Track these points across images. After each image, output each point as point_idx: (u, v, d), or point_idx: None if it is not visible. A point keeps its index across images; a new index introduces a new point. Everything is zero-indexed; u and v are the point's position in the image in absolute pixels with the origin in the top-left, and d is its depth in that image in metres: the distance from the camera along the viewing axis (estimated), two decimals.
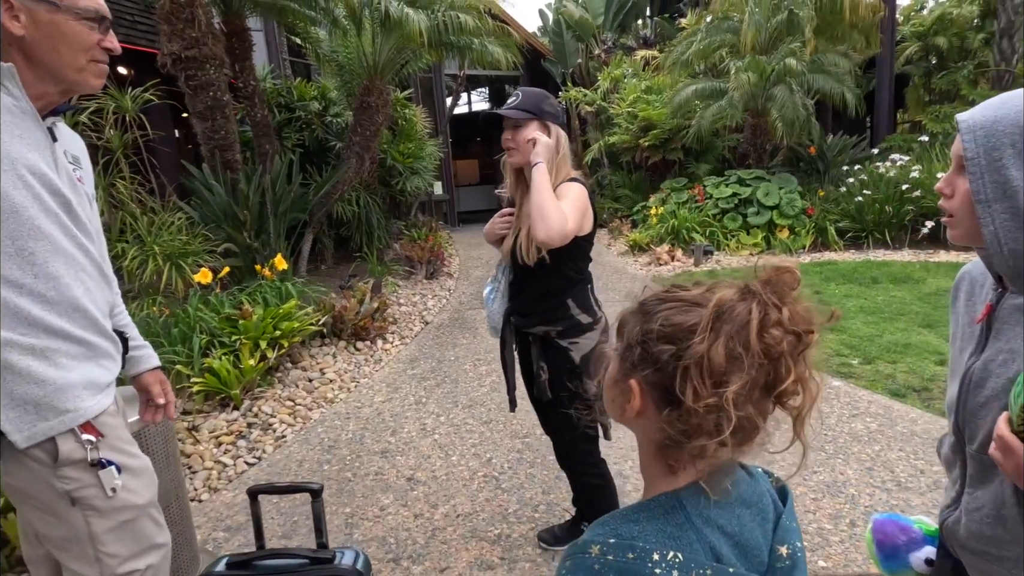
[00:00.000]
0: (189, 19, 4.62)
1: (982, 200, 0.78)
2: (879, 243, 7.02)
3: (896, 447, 2.69)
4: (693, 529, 0.59)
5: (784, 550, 0.63)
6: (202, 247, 4.30)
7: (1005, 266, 0.80)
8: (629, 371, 0.62)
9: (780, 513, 0.66)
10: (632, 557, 0.56)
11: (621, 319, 0.66)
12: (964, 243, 0.87)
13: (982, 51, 11.31)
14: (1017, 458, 0.70)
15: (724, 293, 0.58)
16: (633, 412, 0.62)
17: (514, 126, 1.73)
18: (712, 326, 0.56)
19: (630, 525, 0.60)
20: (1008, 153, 0.75)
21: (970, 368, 0.87)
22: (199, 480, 2.69)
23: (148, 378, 1.34)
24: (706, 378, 0.55)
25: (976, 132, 0.77)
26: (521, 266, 1.77)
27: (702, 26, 8.78)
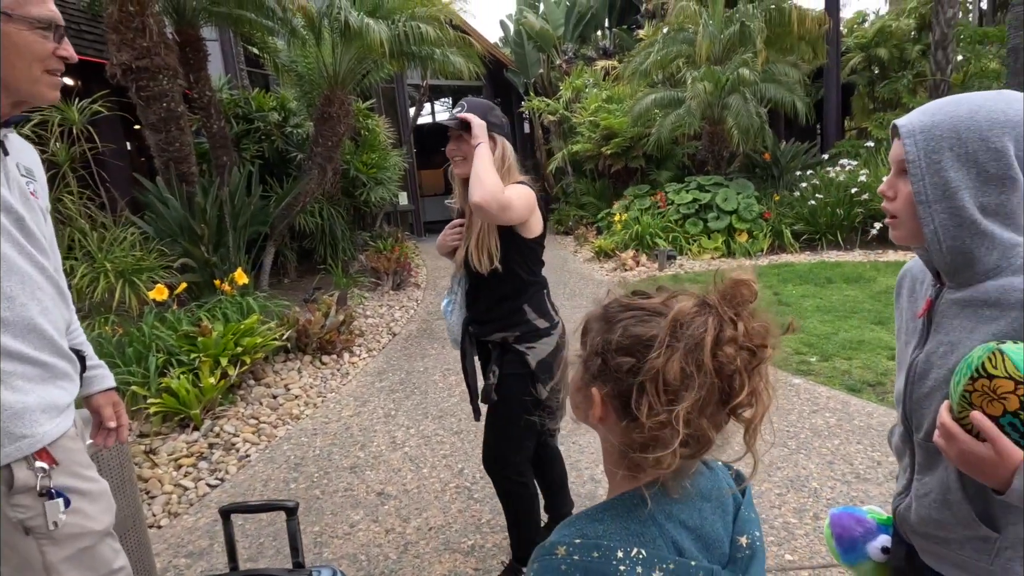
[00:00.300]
0: (140, 28, 4.48)
1: (923, 201, 0.82)
2: (832, 244, 7.30)
3: (854, 440, 2.79)
4: (656, 525, 0.60)
5: (744, 540, 0.65)
6: (157, 263, 4.15)
7: (944, 262, 0.84)
8: (591, 380, 0.64)
9: (739, 504, 0.68)
10: (597, 556, 0.57)
11: (586, 324, 0.67)
12: (906, 243, 0.91)
13: (920, 61, 11.96)
14: (959, 444, 0.74)
15: (683, 305, 0.59)
16: (595, 418, 0.64)
17: (458, 136, 1.73)
18: (668, 341, 0.57)
19: (595, 525, 0.61)
20: (947, 156, 0.79)
21: (914, 360, 0.91)
22: (158, 505, 2.58)
23: (100, 399, 1.29)
24: (660, 394, 0.57)
25: (916, 136, 0.81)
26: (475, 275, 1.78)
27: (659, 37, 9.02)
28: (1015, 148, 0.77)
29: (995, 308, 0.80)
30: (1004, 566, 0.83)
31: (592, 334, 0.65)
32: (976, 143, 0.78)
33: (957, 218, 0.80)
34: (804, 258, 7.08)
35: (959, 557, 0.88)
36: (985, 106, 0.79)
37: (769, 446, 2.79)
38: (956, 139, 0.79)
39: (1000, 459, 0.70)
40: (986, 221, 0.79)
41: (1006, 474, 0.70)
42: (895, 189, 0.88)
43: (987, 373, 0.70)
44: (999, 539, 0.82)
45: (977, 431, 0.72)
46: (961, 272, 0.84)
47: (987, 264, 0.81)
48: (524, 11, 14.00)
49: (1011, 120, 0.78)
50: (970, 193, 0.79)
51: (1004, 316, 0.78)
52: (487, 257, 1.72)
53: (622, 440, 0.63)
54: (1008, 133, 0.77)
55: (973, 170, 0.79)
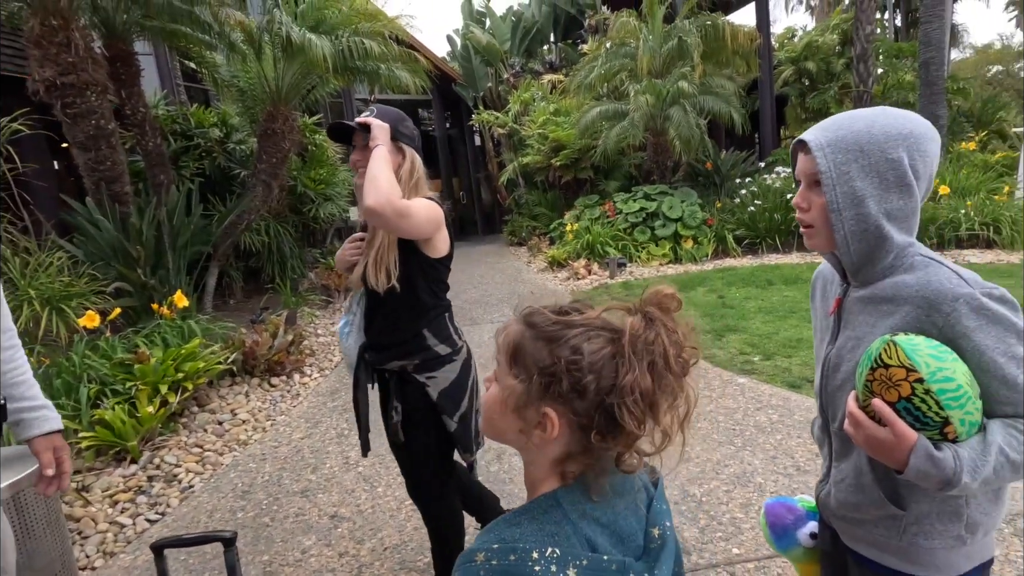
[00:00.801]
0: (64, 43, 4.27)
1: (835, 209, 0.88)
2: (771, 248, 7.65)
3: (795, 435, 2.92)
4: (570, 524, 0.62)
5: (656, 531, 0.68)
6: (88, 288, 3.93)
7: (851, 264, 0.91)
8: (540, 399, 0.63)
9: (652, 498, 0.71)
10: (514, 559, 0.59)
11: (515, 344, 0.66)
12: (821, 249, 0.96)
13: (844, 74, 12.77)
14: (864, 430, 0.80)
15: (632, 321, 0.63)
16: (546, 440, 0.64)
17: (365, 145, 1.59)
18: (630, 357, 0.61)
19: (512, 529, 0.63)
20: (854, 167, 0.86)
21: (827, 355, 0.98)
22: (91, 545, 2.42)
23: (39, 444, 1.19)
24: (641, 404, 0.60)
25: (825, 151, 0.88)
26: (373, 294, 1.64)
27: (602, 52, 9.29)
28: (908, 159, 0.85)
29: (891, 303, 0.87)
30: (911, 541, 0.90)
31: (530, 354, 0.64)
32: (877, 155, 0.85)
33: (864, 223, 0.87)
34: (746, 262, 7.38)
35: (873, 536, 0.94)
36: (877, 121, 0.86)
37: (718, 444, 2.88)
38: (860, 151, 0.85)
39: (898, 441, 0.76)
40: (888, 225, 0.86)
41: (903, 455, 0.76)
42: (808, 201, 0.93)
43: (884, 363, 0.76)
44: (905, 517, 0.89)
45: (879, 417, 0.78)
46: (863, 271, 0.91)
47: (884, 263, 0.89)
48: (471, 26, 14.17)
49: (902, 133, 0.85)
50: (874, 200, 0.86)
51: (899, 310, 0.85)
52: (384, 275, 1.58)
53: (565, 449, 0.65)
54: (901, 144, 0.85)
55: (876, 179, 0.85)
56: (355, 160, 1.62)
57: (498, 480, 2.72)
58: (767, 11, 10.95)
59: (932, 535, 0.89)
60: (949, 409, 0.74)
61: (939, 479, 0.75)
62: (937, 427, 0.75)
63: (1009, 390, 0.77)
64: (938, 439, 0.76)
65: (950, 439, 0.76)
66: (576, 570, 0.58)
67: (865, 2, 9.93)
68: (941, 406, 0.73)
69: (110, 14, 5.04)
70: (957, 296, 0.79)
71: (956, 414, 0.74)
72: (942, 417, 0.74)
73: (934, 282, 0.82)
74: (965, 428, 0.75)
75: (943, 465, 0.74)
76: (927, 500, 0.88)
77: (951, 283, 0.81)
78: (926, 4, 10.02)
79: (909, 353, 0.75)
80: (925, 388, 0.73)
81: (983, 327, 0.78)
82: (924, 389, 0.74)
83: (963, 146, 9.26)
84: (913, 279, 0.85)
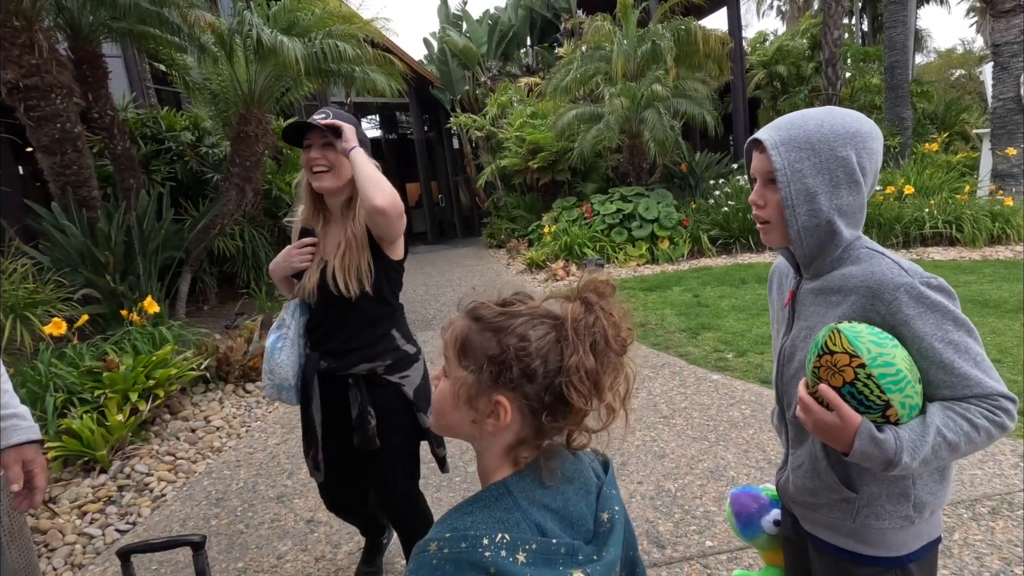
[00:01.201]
0: (27, 44, 4.18)
1: (789, 206, 0.91)
2: (745, 248, 7.80)
3: (767, 429, 2.98)
4: (519, 510, 0.64)
5: (605, 515, 0.70)
6: (54, 295, 3.84)
7: (804, 257, 0.95)
8: (491, 387, 0.66)
9: (602, 483, 0.74)
10: (465, 546, 0.61)
11: (463, 338, 0.68)
12: (778, 245, 1.00)
13: (814, 77, 13.10)
14: (814, 415, 0.83)
15: (572, 307, 0.66)
16: (500, 427, 0.66)
17: (324, 144, 1.55)
18: (574, 340, 0.64)
19: (464, 518, 0.65)
20: (806, 165, 0.89)
21: (782, 346, 1.01)
22: (59, 558, 2.37)
23: (8, 456, 1.15)
24: (587, 382, 0.63)
25: (779, 149, 0.91)
26: (336, 300, 1.57)
27: (577, 55, 9.38)
28: (856, 156, 0.89)
29: (839, 294, 0.91)
30: (863, 523, 0.93)
31: (478, 345, 0.67)
32: (827, 153, 0.88)
33: (816, 218, 0.90)
34: (721, 261, 7.51)
35: (829, 519, 0.97)
36: (827, 121, 0.90)
37: (692, 440, 2.93)
38: (811, 150, 0.89)
39: (843, 424, 0.80)
40: (839, 220, 0.90)
41: (848, 436, 0.80)
42: (764, 198, 0.97)
43: (829, 350, 0.80)
44: (857, 499, 0.93)
45: (826, 402, 0.81)
46: (815, 264, 0.94)
47: (834, 256, 0.93)
48: (447, 29, 14.18)
49: (849, 132, 0.89)
50: (825, 196, 0.89)
51: (846, 300, 0.89)
52: (356, 279, 1.54)
53: (518, 435, 0.68)
54: (849, 143, 0.89)
55: (827, 176, 0.89)
56: (313, 158, 1.56)
57: (476, 481, 2.72)
58: (739, 16, 11.18)
59: (882, 516, 0.93)
60: (890, 392, 0.77)
61: (881, 459, 0.78)
62: (880, 410, 0.79)
63: (946, 374, 0.81)
64: (881, 422, 0.80)
65: (892, 422, 0.80)
66: (525, 554, 0.60)
67: (833, 7, 10.21)
68: (882, 390, 0.77)
69: (75, 15, 4.94)
70: (898, 285, 0.83)
71: (896, 397, 0.77)
72: (884, 400, 0.78)
73: (877, 272, 0.86)
74: (906, 411, 0.79)
75: (885, 446, 0.78)
76: (877, 483, 0.92)
77: (892, 273, 0.85)
78: (890, 10, 10.35)
79: (852, 340, 0.78)
80: (867, 373, 0.77)
81: (922, 315, 0.82)
82: (866, 374, 0.77)
83: (927, 147, 9.56)
84: (859, 270, 0.89)
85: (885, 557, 0.95)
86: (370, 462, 1.70)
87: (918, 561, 0.96)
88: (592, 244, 8.06)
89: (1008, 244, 6.44)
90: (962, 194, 7.29)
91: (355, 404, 1.64)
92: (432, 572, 0.60)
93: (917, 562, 0.96)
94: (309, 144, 1.57)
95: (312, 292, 1.61)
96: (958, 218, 6.62)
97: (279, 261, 1.66)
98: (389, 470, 1.70)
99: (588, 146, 8.78)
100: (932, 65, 28.51)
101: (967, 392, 0.81)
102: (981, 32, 26.27)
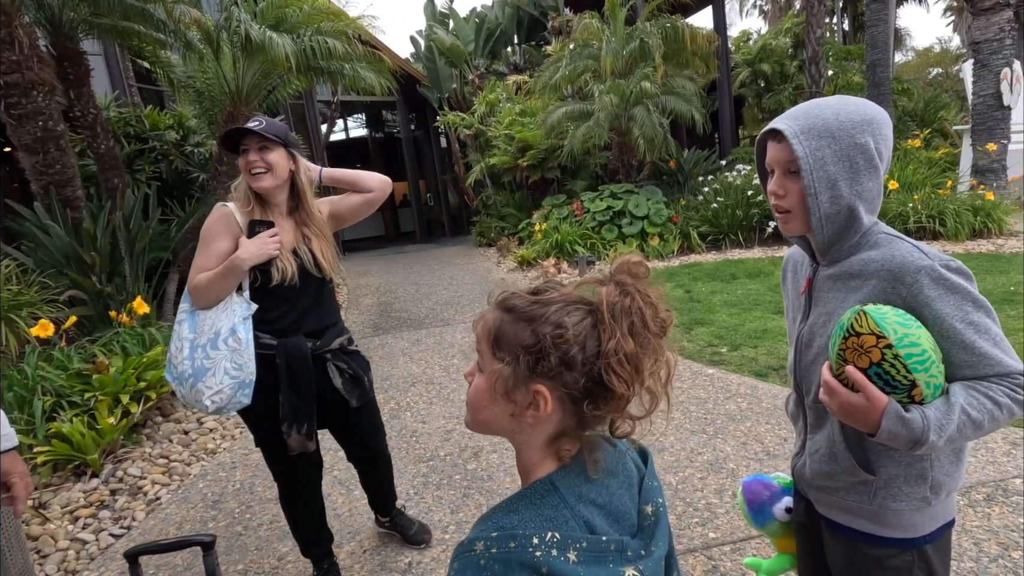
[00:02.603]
0: (7, 40, 4.08)
1: (812, 193, 0.91)
2: (734, 243, 7.87)
3: (763, 421, 3.01)
4: (567, 507, 0.63)
5: (649, 508, 0.69)
6: (39, 297, 3.76)
7: (823, 244, 0.95)
8: (528, 378, 0.63)
9: (643, 475, 0.72)
10: (514, 545, 0.59)
11: (496, 330, 0.66)
12: (797, 233, 0.99)
13: (797, 76, 13.25)
14: (839, 397, 0.84)
15: (606, 290, 0.64)
16: (540, 419, 0.64)
17: (261, 148, 1.72)
18: (610, 323, 0.62)
19: (510, 516, 0.63)
20: (827, 153, 0.89)
21: (800, 333, 1.02)
22: (52, 564, 2.32)
23: None
24: (627, 366, 0.61)
25: (800, 138, 0.90)
26: (313, 283, 1.82)
27: (566, 53, 9.39)
28: (873, 142, 0.89)
29: (858, 279, 0.91)
30: (880, 504, 0.94)
31: (513, 336, 0.65)
32: (847, 140, 0.89)
33: (837, 205, 0.90)
34: (711, 257, 7.57)
35: (846, 502, 0.98)
36: (843, 109, 0.90)
37: (690, 433, 2.95)
38: (831, 137, 0.89)
39: (870, 405, 0.80)
40: (860, 206, 0.90)
41: (876, 417, 0.80)
42: (784, 188, 0.96)
43: (855, 332, 0.80)
44: (875, 481, 0.93)
45: (852, 383, 0.82)
46: (833, 250, 0.95)
47: (852, 242, 0.93)
48: (434, 27, 14.12)
49: (865, 119, 0.89)
50: (846, 183, 0.90)
51: (866, 284, 0.90)
52: (333, 262, 1.85)
53: (559, 426, 0.66)
54: (867, 130, 0.89)
55: (847, 163, 0.89)
56: (252, 161, 1.72)
57: (476, 478, 2.72)
58: (723, 14, 11.28)
59: (899, 497, 0.94)
60: (916, 372, 0.78)
61: (908, 438, 0.79)
62: (905, 390, 0.79)
63: (968, 354, 0.83)
64: (906, 402, 0.81)
65: (917, 401, 0.80)
66: (576, 553, 0.59)
67: (816, 7, 10.33)
68: (908, 370, 0.78)
69: (56, 11, 4.83)
70: (919, 268, 0.84)
71: (922, 377, 0.78)
72: (909, 380, 0.78)
73: (897, 256, 0.87)
74: (930, 391, 0.80)
75: (912, 425, 0.78)
76: (894, 464, 0.93)
77: (913, 256, 0.86)
78: (872, 8, 10.49)
79: (878, 321, 0.79)
80: (894, 353, 0.78)
81: (943, 296, 0.83)
82: (893, 354, 0.78)
83: (909, 144, 9.72)
84: (878, 254, 0.90)
85: (902, 539, 0.96)
86: (360, 419, 2.00)
87: (934, 543, 0.97)
88: (583, 241, 8.08)
89: (990, 238, 6.57)
90: (944, 189, 7.43)
91: (336, 375, 1.86)
92: (480, 572, 0.58)
93: (933, 543, 0.97)
94: (246, 149, 1.72)
95: (293, 276, 1.76)
96: (941, 212, 6.74)
97: (253, 252, 1.70)
98: (371, 423, 2.05)
99: (578, 143, 8.79)
100: (910, 64, 29.03)
101: (988, 371, 0.82)
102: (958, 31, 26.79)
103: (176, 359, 1.69)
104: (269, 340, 1.78)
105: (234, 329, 1.69)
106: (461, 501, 2.53)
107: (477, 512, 2.43)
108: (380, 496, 2.23)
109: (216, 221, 1.75)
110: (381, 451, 2.13)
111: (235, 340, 1.68)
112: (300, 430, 1.82)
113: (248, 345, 1.69)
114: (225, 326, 1.69)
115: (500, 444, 3.01)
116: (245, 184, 1.76)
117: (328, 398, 1.88)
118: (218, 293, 1.70)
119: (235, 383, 1.68)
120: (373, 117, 18.51)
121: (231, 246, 1.71)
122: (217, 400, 1.67)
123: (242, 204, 1.76)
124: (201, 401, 1.68)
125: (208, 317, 1.70)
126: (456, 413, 3.53)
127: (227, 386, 1.68)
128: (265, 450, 1.92)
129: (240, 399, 1.71)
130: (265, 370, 1.74)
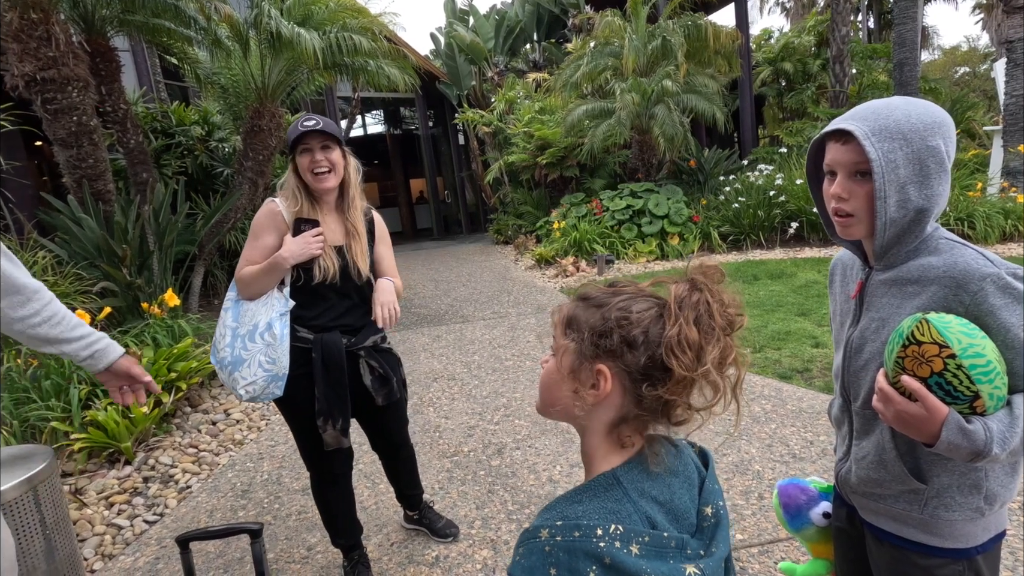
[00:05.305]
0: (44, 37, 4.17)
1: (881, 197, 0.88)
2: (755, 244, 7.79)
3: (789, 424, 2.99)
4: (630, 502, 0.65)
5: (709, 510, 0.70)
6: (73, 288, 3.85)
7: (880, 247, 0.93)
8: (593, 358, 0.67)
9: (703, 477, 0.73)
10: (578, 535, 0.61)
11: (569, 315, 0.71)
12: (859, 237, 0.97)
13: (820, 74, 13.05)
14: (895, 405, 0.83)
15: (676, 285, 0.67)
16: (600, 397, 0.67)
17: (323, 147, 1.75)
18: (676, 313, 0.64)
19: (575, 506, 0.65)
20: (899, 156, 0.87)
21: (850, 337, 1.01)
22: (89, 548, 2.38)
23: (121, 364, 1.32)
24: (688, 351, 0.63)
25: (871, 140, 0.87)
26: (353, 282, 1.84)
27: (587, 51, 9.35)
28: (944, 146, 0.87)
29: (917, 284, 0.91)
30: (932, 514, 0.94)
31: (583, 318, 0.69)
32: (919, 143, 0.86)
33: (903, 209, 0.88)
34: (732, 258, 7.50)
35: (894, 510, 0.98)
36: (912, 111, 0.88)
37: (715, 434, 2.94)
38: (904, 140, 0.86)
39: (930, 415, 0.80)
40: (927, 210, 0.88)
41: (935, 428, 0.80)
42: (849, 191, 0.93)
43: (916, 340, 0.80)
44: (926, 490, 0.93)
45: (909, 393, 0.82)
46: (890, 254, 0.94)
47: (911, 247, 0.92)
48: (454, 24, 14.13)
49: (937, 121, 0.87)
50: (915, 187, 0.87)
51: (925, 291, 0.89)
52: (368, 263, 1.85)
53: (620, 411, 0.68)
54: (938, 133, 0.87)
55: (917, 167, 0.87)
56: (318, 160, 1.74)
57: (500, 475, 2.74)
58: (746, 12, 11.14)
59: (952, 507, 0.93)
60: (979, 384, 0.77)
61: (970, 451, 0.79)
62: (967, 401, 0.79)
63: None
64: (967, 413, 0.80)
65: (978, 412, 0.80)
66: (639, 546, 0.60)
67: (841, 4, 10.17)
68: (972, 381, 0.77)
69: (89, 8, 4.93)
70: (984, 276, 0.83)
71: (986, 388, 0.78)
72: (972, 391, 0.78)
73: (961, 263, 0.86)
74: (993, 402, 0.79)
75: (974, 437, 0.78)
76: (948, 473, 0.92)
77: (978, 263, 0.85)
78: (900, 6, 10.29)
79: (941, 330, 0.78)
80: (957, 363, 0.77)
81: (1009, 305, 0.82)
82: (956, 364, 0.77)
83: None
84: (939, 260, 0.89)
85: (953, 549, 0.95)
86: (388, 416, 2.05)
87: (985, 553, 0.96)
88: (602, 240, 8.06)
89: (1020, 241, 6.44)
90: (974, 191, 7.28)
91: (366, 372, 1.88)
92: (545, 558, 0.61)
93: (984, 554, 0.96)
94: (307, 148, 1.73)
95: (335, 276, 1.78)
96: (970, 215, 6.61)
97: (296, 252, 1.73)
98: (396, 413, 2.07)
99: (598, 142, 8.76)
100: (937, 63, 28.40)
101: None
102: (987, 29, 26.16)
103: (219, 344, 1.75)
104: (306, 335, 1.82)
105: (271, 324, 1.74)
106: (486, 497, 2.55)
107: (502, 508, 2.45)
108: (407, 489, 2.26)
109: (264, 215, 1.79)
110: (404, 440, 2.17)
111: (271, 335, 1.73)
112: (335, 425, 1.85)
113: (282, 341, 1.74)
114: (263, 320, 1.74)
115: (523, 441, 3.03)
116: (293, 181, 1.79)
117: (357, 392, 1.93)
118: (260, 287, 1.74)
119: (268, 375, 1.74)
120: (392, 114, 18.61)
121: (276, 242, 1.76)
122: (250, 390, 1.74)
123: (289, 202, 1.79)
124: (236, 389, 1.74)
125: (250, 308, 1.75)
126: (478, 410, 3.55)
127: (260, 378, 1.73)
128: (300, 440, 1.95)
129: (273, 390, 1.77)
130: (302, 363, 1.79)
